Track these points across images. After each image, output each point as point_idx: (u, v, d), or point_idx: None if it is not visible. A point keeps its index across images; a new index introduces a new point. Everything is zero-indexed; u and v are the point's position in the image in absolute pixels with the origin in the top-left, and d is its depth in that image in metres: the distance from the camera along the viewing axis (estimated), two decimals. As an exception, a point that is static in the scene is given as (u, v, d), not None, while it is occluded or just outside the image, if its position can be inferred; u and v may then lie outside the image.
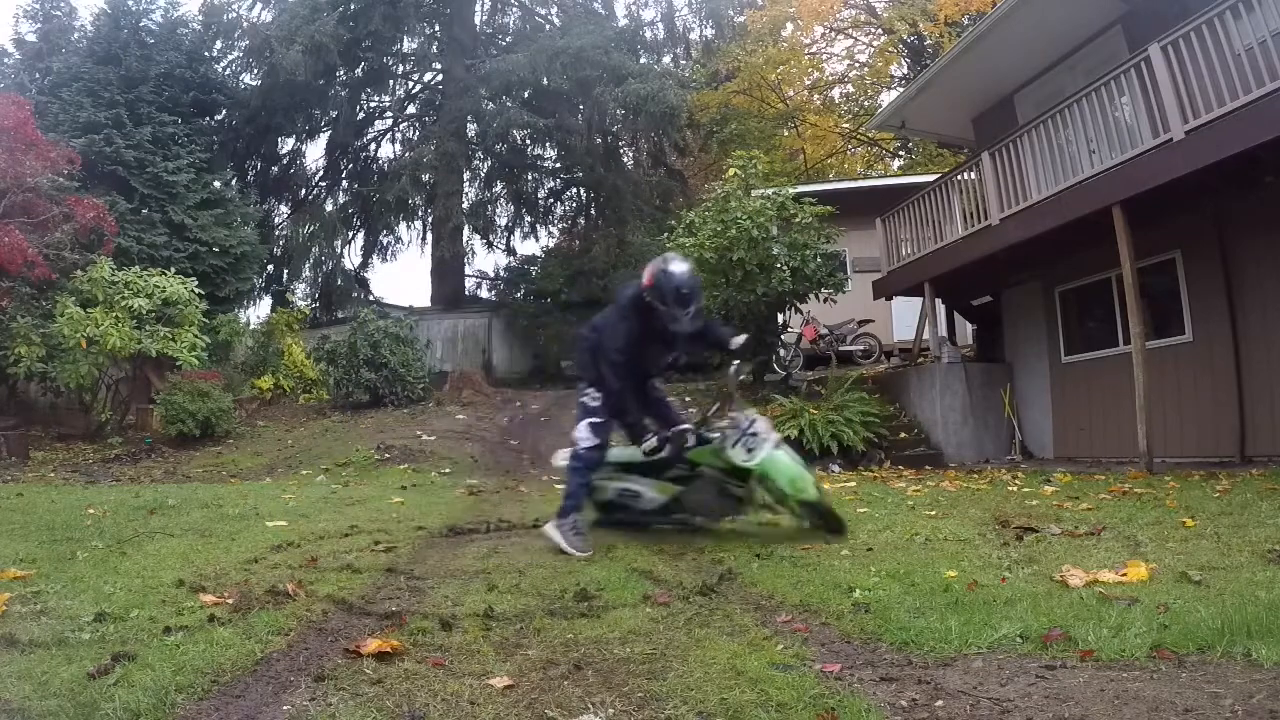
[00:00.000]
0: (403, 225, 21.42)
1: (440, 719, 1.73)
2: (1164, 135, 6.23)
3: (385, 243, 21.83)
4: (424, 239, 21.58)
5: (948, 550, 3.40)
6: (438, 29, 19.67)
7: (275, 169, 20.62)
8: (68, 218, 10.72)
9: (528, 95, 17.59)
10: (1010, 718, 1.67)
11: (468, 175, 20.12)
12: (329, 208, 20.52)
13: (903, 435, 9.03)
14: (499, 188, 21.54)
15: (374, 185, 19.42)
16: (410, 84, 21.06)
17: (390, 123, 21.36)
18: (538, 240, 22.20)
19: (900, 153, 21.76)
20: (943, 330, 10.53)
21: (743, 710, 1.72)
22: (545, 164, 20.68)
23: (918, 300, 10.23)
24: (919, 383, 9.53)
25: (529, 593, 2.83)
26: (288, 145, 20.59)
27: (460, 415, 11.90)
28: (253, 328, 15.77)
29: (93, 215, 10.87)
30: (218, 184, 15.50)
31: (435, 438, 10.29)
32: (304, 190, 21.29)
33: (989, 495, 5.45)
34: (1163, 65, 6.13)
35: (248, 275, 15.63)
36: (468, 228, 20.06)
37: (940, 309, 10.39)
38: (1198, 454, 6.96)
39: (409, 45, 20.05)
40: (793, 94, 21.11)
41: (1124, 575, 2.72)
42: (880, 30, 20.15)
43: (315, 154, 22.68)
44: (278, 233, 19.78)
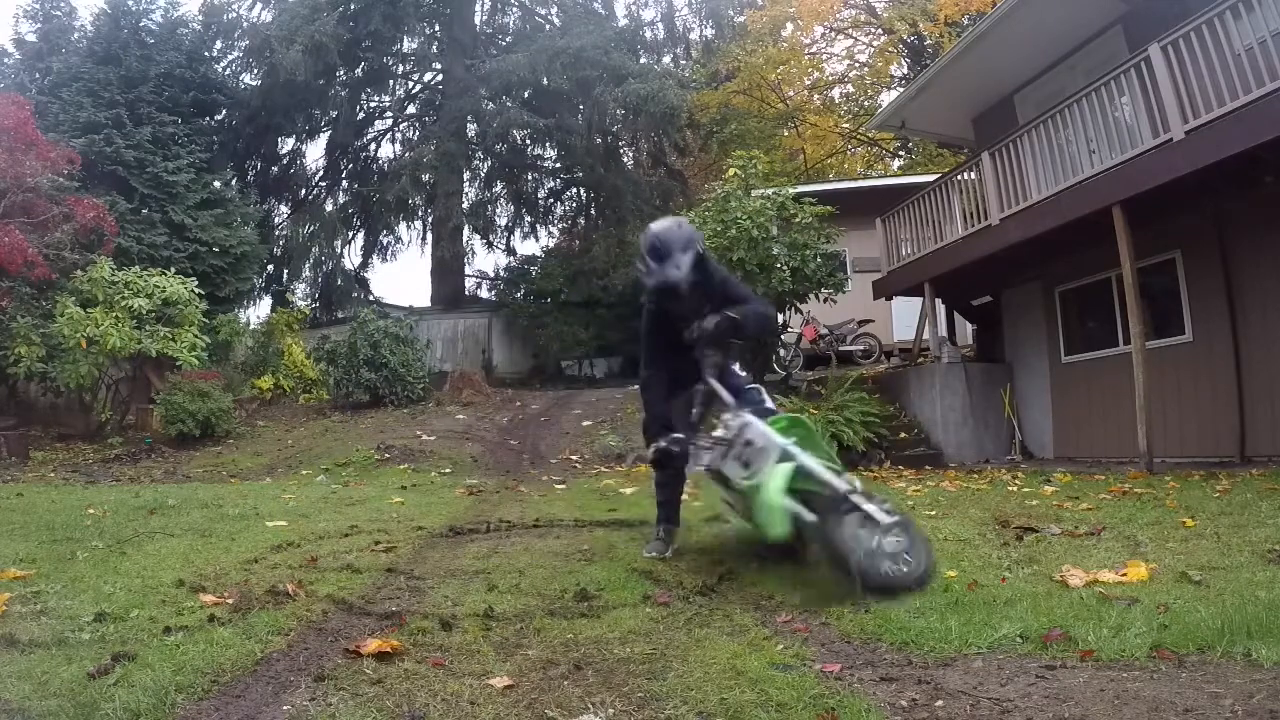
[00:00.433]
0: (403, 225, 21.44)
1: (440, 719, 1.73)
2: (1164, 135, 6.23)
3: (385, 243, 21.83)
4: (424, 239, 21.58)
5: (948, 550, 3.40)
6: (438, 29, 19.65)
7: (275, 169, 20.60)
8: (68, 218, 10.71)
9: (528, 95, 17.58)
10: (1010, 718, 1.67)
11: (468, 175, 20.11)
12: (329, 208, 20.51)
13: (903, 435, 9.03)
14: (499, 188, 21.54)
15: (374, 185, 19.41)
16: (410, 84, 21.06)
17: (390, 123, 21.35)
18: (538, 240, 22.18)
19: (900, 153, 21.75)
20: (943, 330, 10.53)
21: (743, 710, 1.72)
22: (545, 164, 20.67)
23: (918, 300, 10.23)
24: (919, 383, 9.53)
25: (529, 593, 2.83)
26: (288, 145, 20.59)
27: (460, 415, 11.89)
28: (253, 328, 15.76)
29: (93, 215, 10.86)
30: (218, 184, 15.49)
31: (435, 438, 10.28)
32: (304, 190, 21.28)
33: (989, 495, 5.45)
34: (1163, 65, 6.13)
35: (248, 275, 15.62)
36: (468, 228, 20.05)
37: (940, 309, 10.39)
38: (1198, 454, 6.96)
39: (409, 45, 20.03)
40: (793, 94, 21.10)
41: (1124, 575, 2.72)
42: (880, 30, 20.15)
43: (315, 154, 22.68)
44: (278, 233, 19.75)
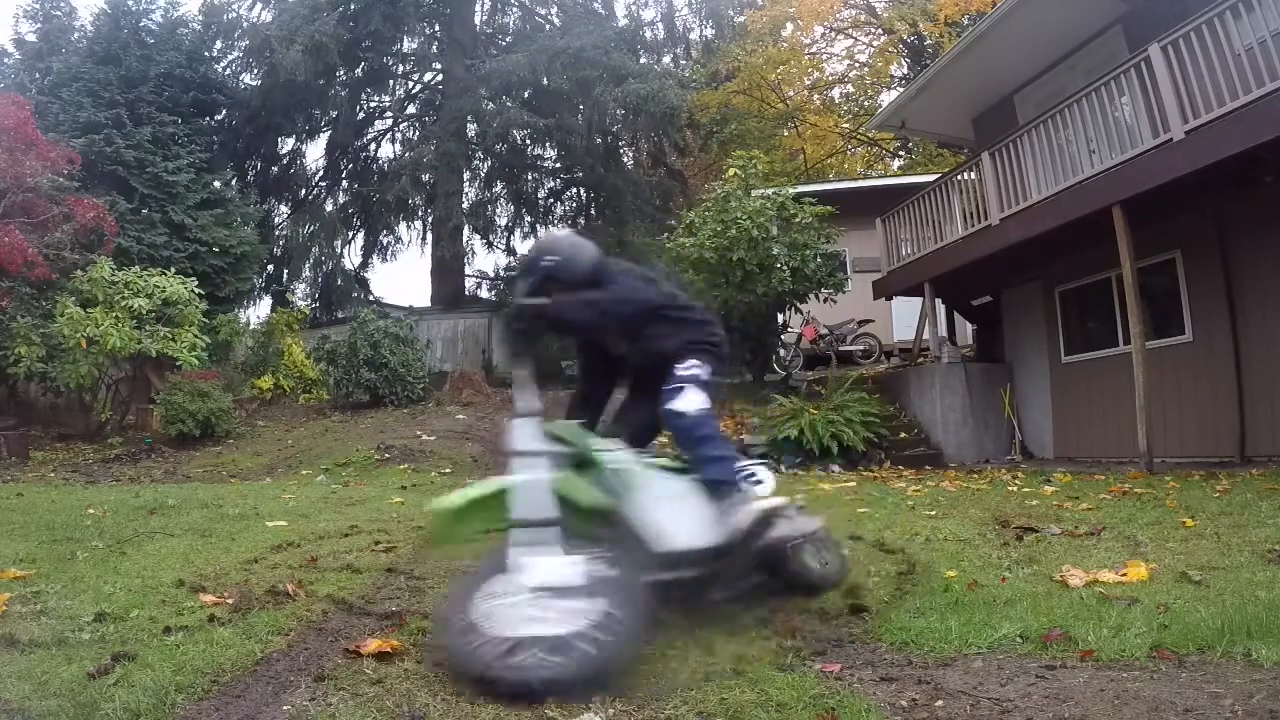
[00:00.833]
0: (403, 225, 21.38)
1: (440, 719, 1.73)
2: (1164, 135, 6.23)
3: (385, 243, 21.78)
4: (424, 239, 21.55)
5: (948, 550, 3.40)
6: (438, 29, 19.64)
7: (275, 169, 20.58)
8: (68, 218, 10.70)
9: (528, 95, 17.56)
10: (1010, 718, 1.67)
11: (468, 175, 20.08)
12: (329, 208, 20.47)
13: (903, 435, 9.03)
14: (499, 188, 21.50)
15: (374, 185, 19.39)
16: (410, 84, 21.03)
17: (390, 123, 21.32)
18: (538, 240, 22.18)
19: (900, 153, 21.75)
20: (943, 330, 10.53)
21: (743, 710, 1.72)
22: (545, 164, 20.65)
23: (918, 300, 10.23)
24: (919, 383, 9.53)
25: (529, 593, 2.82)
26: (288, 145, 20.55)
27: (460, 415, 11.89)
28: (253, 328, 15.74)
29: (93, 215, 10.85)
30: (218, 184, 15.47)
31: (435, 438, 10.28)
32: (304, 190, 21.25)
33: (989, 495, 5.45)
34: (1163, 65, 6.13)
35: (248, 275, 15.60)
36: (468, 228, 20.01)
37: (940, 309, 10.39)
38: (1198, 454, 6.96)
39: (409, 45, 20.00)
40: (793, 94, 21.10)
41: (1124, 575, 2.72)
42: (880, 30, 20.15)
43: (315, 154, 22.64)
44: (278, 233, 19.73)
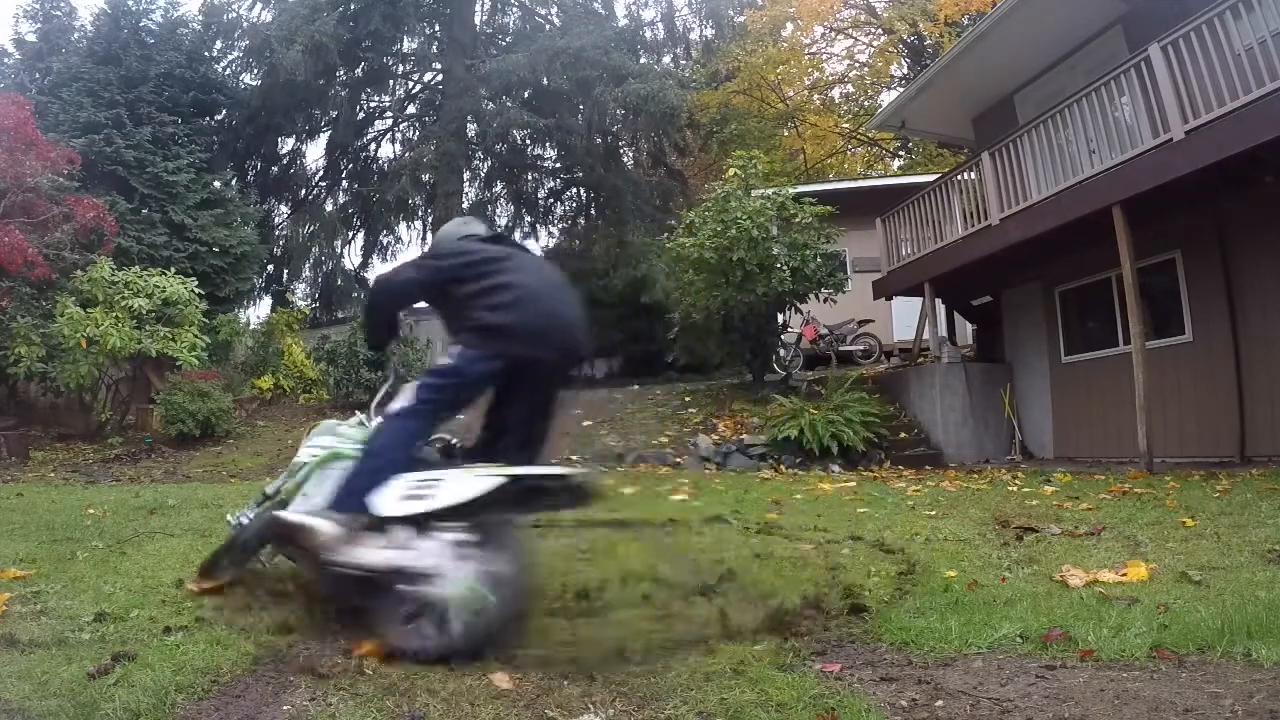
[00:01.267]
0: (403, 225, 21.37)
1: (440, 719, 1.73)
2: (1164, 135, 6.23)
3: (385, 243, 21.78)
4: (424, 239, 21.50)
5: (948, 550, 3.40)
6: (438, 29, 19.64)
7: (275, 169, 20.57)
8: (68, 218, 10.69)
9: (528, 95, 17.55)
10: (1010, 718, 1.67)
11: (468, 175, 20.07)
12: (329, 208, 20.47)
13: (903, 435, 9.02)
14: (499, 188, 21.51)
15: (374, 185, 19.38)
16: (410, 84, 21.02)
17: (390, 123, 21.31)
18: (538, 240, 22.07)
19: (900, 153, 21.75)
20: (943, 330, 10.52)
21: (743, 710, 1.72)
22: (545, 164, 20.64)
23: (918, 300, 10.23)
24: (919, 383, 9.53)
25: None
26: (288, 145, 20.53)
27: (460, 415, 11.88)
28: (253, 328, 15.73)
29: (93, 215, 10.84)
30: (218, 184, 15.45)
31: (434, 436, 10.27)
32: (304, 190, 21.25)
33: (989, 495, 5.45)
34: (1163, 65, 6.13)
35: (248, 275, 15.59)
36: (468, 228, 20.03)
37: (940, 309, 10.38)
38: (1198, 454, 6.96)
39: (409, 45, 19.99)
40: (793, 94, 21.10)
41: (1124, 575, 2.72)
42: (880, 30, 20.15)
43: (315, 154, 22.55)
44: (278, 233, 19.73)
